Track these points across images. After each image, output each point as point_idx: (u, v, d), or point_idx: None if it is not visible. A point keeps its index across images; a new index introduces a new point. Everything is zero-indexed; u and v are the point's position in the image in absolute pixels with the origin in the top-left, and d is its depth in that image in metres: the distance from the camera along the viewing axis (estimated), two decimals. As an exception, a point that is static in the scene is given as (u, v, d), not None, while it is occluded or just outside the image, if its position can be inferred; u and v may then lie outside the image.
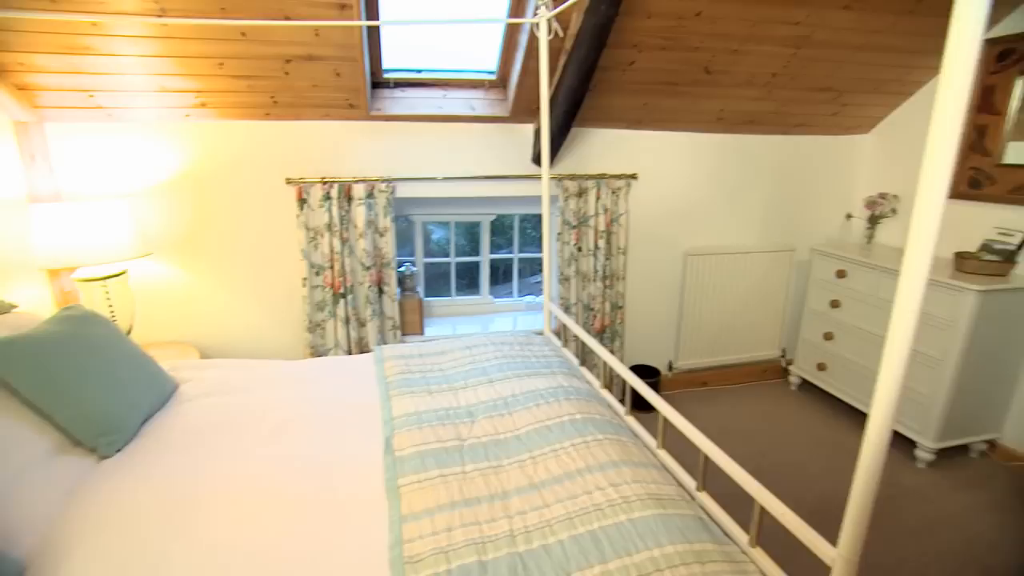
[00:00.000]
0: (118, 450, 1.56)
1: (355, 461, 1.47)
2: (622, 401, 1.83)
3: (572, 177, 2.92)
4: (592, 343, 2.04)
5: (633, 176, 3.05)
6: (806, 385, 3.44)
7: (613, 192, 3.00)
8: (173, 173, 2.62)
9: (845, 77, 2.85)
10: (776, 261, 3.37)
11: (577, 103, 2.60)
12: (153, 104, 2.47)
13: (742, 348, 3.47)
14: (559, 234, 2.98)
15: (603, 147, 3.02)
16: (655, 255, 3.25)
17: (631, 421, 1.76)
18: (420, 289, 3.09)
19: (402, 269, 2.98)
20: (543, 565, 1.12)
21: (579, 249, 3.01)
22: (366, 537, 1.22)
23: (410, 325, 2.87)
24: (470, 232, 3.45)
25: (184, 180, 2.63)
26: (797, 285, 3.49)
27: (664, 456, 1.59)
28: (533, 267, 3.70)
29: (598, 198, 2.96)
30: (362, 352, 2.76)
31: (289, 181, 2.62)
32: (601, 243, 3.00)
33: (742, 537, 1.27)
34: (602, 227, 2.99)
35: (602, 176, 2.97)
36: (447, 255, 3.34)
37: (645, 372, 3.22)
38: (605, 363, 1.95)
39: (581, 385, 1.87)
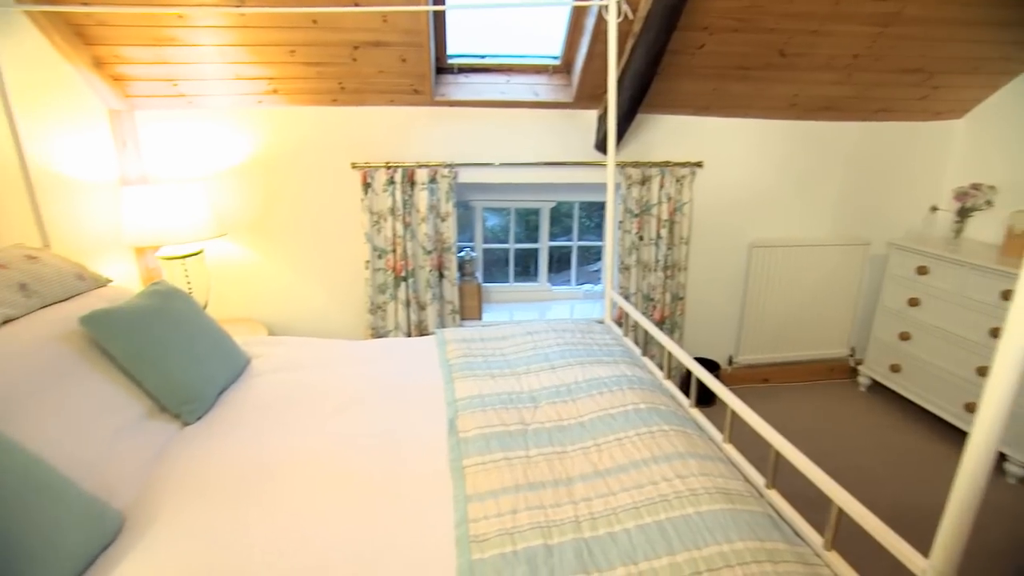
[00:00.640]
0: (198, 418, 1.65)
1: (419, 440, 1.50)
2: (686, 393, 1.79)
3: (635, 164, 2.86)
4: (657, 333, 2.00)
5: (698, 164, 2.95)
6: (877, 387, 3.26)
7: (677, 180, 2.91)
8: (246, 157, 2.73)
9: (938, 57, 2.65)
10: (848, 255, 3.20)
11: (644, 88, 2.53)
12: (229, 91, 2.58)
13: (807, 345, 3.33)
14: (620, 222, 2.93)
15: (668, 134, 2.93)
16: (718, 246, 3.15)
17: (695, 413, 1.72)
18: (479, 274, 3.11)
19: (462, 254, 3.00)
20: (609, 552, 1.11)
21: (640, 238, 2.95)
22: (431, 514, 1.25)
23: (469, 310, 2.90)
24: (523, 220, 3.44)
25: (256, 164, 2.74)
26: (871, 281, 3.30)
27: (730, 451, 1.54)
28: (591, 255, 3.66)
29: (661, 186, 2.89)
30: (421, 335, 2.81)
31: (354, 166, 2.69)
32: (663, 232, 2.93)
33: (815, 539, 1.22)
34: (665, 216, 2.91)
35: (666, 164, 2.89)
36: (501, 241, 3.35)
37: (704, 366, 3.13)
38: (669, 354, 1.91)
39: (644, 375, 1.84)
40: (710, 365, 3.16)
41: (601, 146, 2.86)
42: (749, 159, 3.05)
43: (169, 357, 1.67)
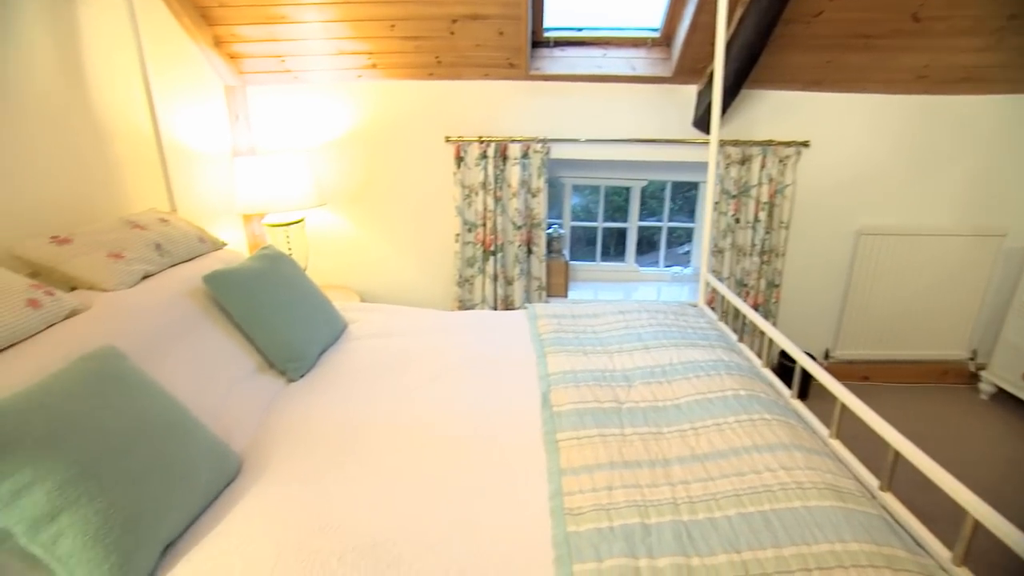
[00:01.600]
0: (302, 376, 1.76)
1: (512, 411, 1.52)
2: (788, 383, 1.70)
3: (736, 143, 2.71)
4: (757, 319, 1.90)
5: (804, 144, 2.75)
6: (1003, 396, 2.93)
7: (780, 161, 2.73)
8: (345, 130, 2.83)
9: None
10: (977, 246, 2.88)
11: (751, 61, 2.38)
12: (331, 66, 2.68)
13: (918, 344, 3.05)
14: (716, 204, 2.80)
15: (773, 111, 2.75)
16: (822, 231, 2.93)
17: (796, 405, 1.62)
18: (566, 252, 3.09)
19: (550, 231, 2.99)
20: (710, 538, 1.07)
21: (737, 221, 2.81)
22: (524, 484, 1.26)
23: (555, 287, 2.89)
24: (608, 199, 3.35)
25: (354, 137, 2.83)
26: (1004, 277, 2.95)
27: (837, 447, 1.44)
28: (680, 237, 3.53)
29: (763, 167, 2.72)
30: (507, 310, 2.83)
31: (448, 139, 2.72)
32: (762, 215, 2.77)
33: (940, 552, 1.12)
34: (764, 198, 2.75)
35: (769, 143, 2.71)
36: (585, 220, 3.29)
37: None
38: (770, 341, 1.81)
39: (741, 361, 1.76)
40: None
41: (699, 123, 2.73)
42: (862, 138, 2.80)
43: (277, 317, 1.78)
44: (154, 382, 1.30)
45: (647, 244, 3.51)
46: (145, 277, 1.72)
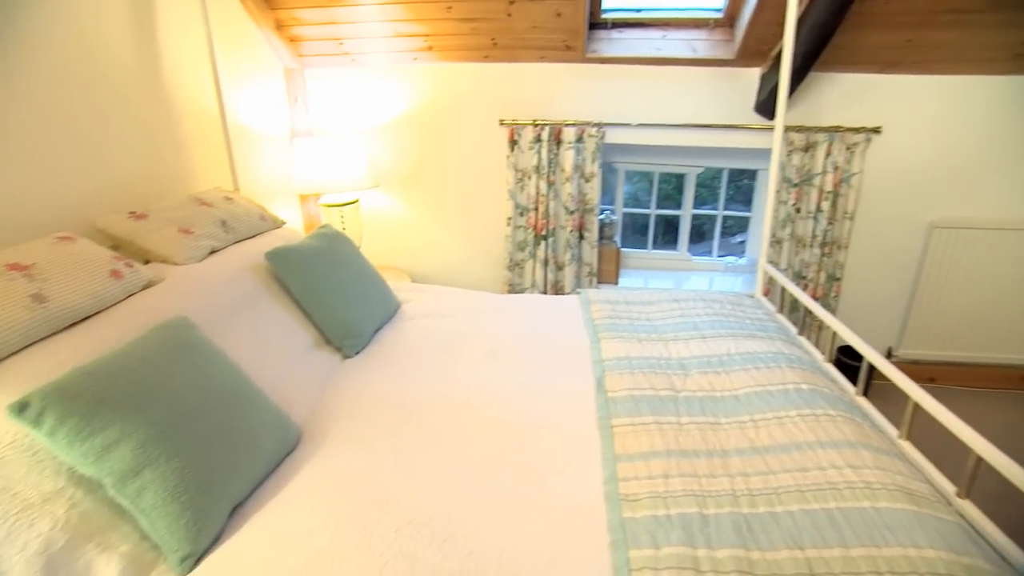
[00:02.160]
0: (357, 353, 1.80)
1: (565, 394, 1.51)
2: (853, 380, 1.63)
3: (800, 129, 2.59)
4: (821, 312, 1.82)
5: (875, 130, 2.60)
6: (1085, 403, 2.73)
7: (847, 148, 2.60)
8: (400, 113, 2.86)
9: None
10: (1063, 243, 2.67)
11: (823, 42, 2.26)
12: (388, 49, 2.70)
13: (994, 346, 2.86)
14: (776, 192, 2.68)
15: (842, 95, 2.61)
16: (890, 223, 2.78)
17: (861, 402, 1.56)
18: (617, 238, 3.04)
19: (602, 217, 2.94)
20: (771, 532, 1.04)
21: (797, 210, 2.69)
22: (578, 468, 1.26)
23: (606, 273, 2.86)
24: (657, 187, 3.26)
25: (409, 119, 2.86)
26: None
27: (908, 448, 1.37)
28: (732, 227, 3.43)
29: (828, 154, 2.59)
30: (556, 295, 2.82)
31: (502, 122, 2.71)
32: (824, 205, 2.65)
33: (1024, 563, 1.05)
34: (828, 187, 2.62)
35: (836, 129, 2.58)
36: (637, 206, 3.23)
37: (856, 355, 2.83)
38: (834, 334, 1.74)
39: (802, 354, 1.70)
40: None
41: (761, 108, 2.62)
42: (941, 123, 2.62)
43: (335, 294, 1.82)
44: (221, 352, 1.35)
45: (696, 233, 3.42)
46: (212, 252, 1.79)
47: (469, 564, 0.99)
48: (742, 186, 3.62)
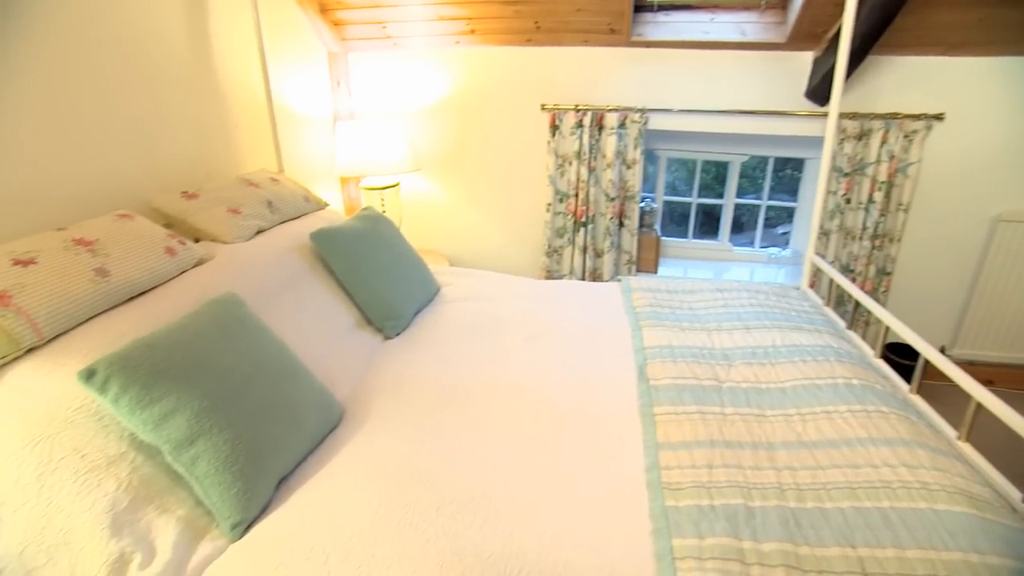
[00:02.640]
0: (397, 334, 1.82)
1: (606, 381, 1.50)
2: (907, 378, 1.56)
3: (854, 116, 2.48)
4: (875, 307, 1.76)
5: (937, 116, 2.47)
6: None
7: (905, 136, 2.48)
8: (441, 97, 2.86)
9: None
10: None
11: (885, 22, 2.15)
12: (430, 32, 2.69)
13: (1058, 348, 2.71)
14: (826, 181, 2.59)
15: (901, 80, 2.48)
16: (949, 216, 2.64)
17: (917, 400, 1.50)
18: (657, 227, 2.99)
19: (643, 204, 2.90)
20: (820, 528, 1.02)
21: (847, 201, 2.59)
22: (619, 454, 1.25)
23: (645, 262, 2.82)
24: (694, 174, 3.18)
25: (450, 103, 2.85)
26: None
27: (967, 450, 1.31)
28: (773, 218, 3.33)
29: (883, 142, 2.48)
30: (594, 282, 2.80)
31: (544, 107, 2.68)
32: (877, 196, 2.53)
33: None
34: (882, 177, 2.51)
35: (894, 116, 2.46)
36: (677, 195, 3.16)
37: (905, 352, 2.72)
38: (887, 329, 1.68)
39: (851, 349, 1.64)
40: (912, 353, 2.73)
41: (813, 94, 2.52)
42: (1011, 110, 2.47)
43: (377, 275, 1.84)
44: (268, 328, 1.39)
45: (734, 224, 3.34)
46: (258, 232, 1.83)
47: (511, 545, 1.00)
48: (783, 176, 3.51)
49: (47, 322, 1.12)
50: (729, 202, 3.03)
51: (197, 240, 1.71)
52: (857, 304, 1.89)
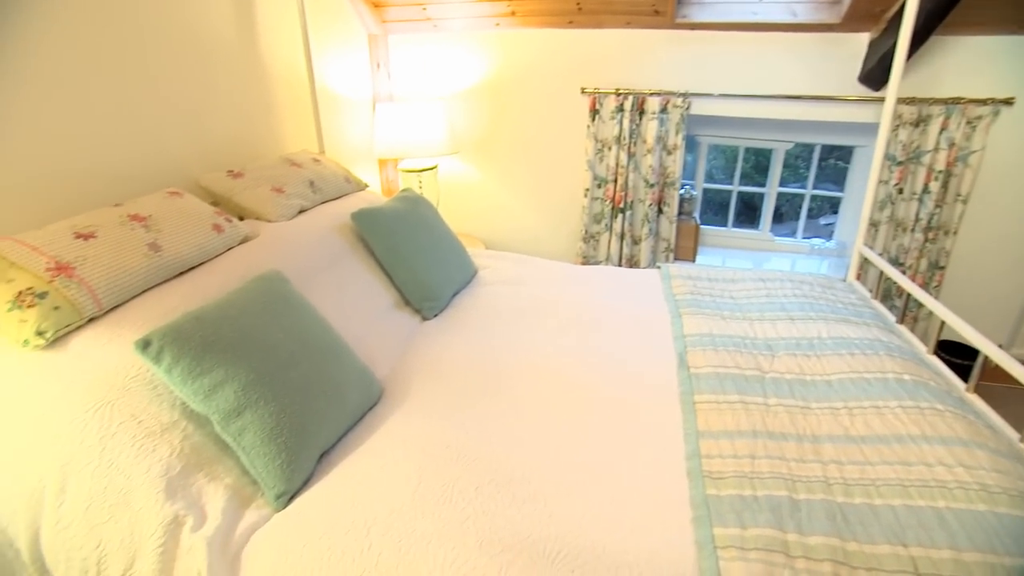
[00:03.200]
0: (435, 315, 1.83)
1: (646, 367, 1.48)
2: (964, 376, 1.50)
3: (911, 101, 2.36)
4: (930, 301, 1.69)
5: (1007, 101, 2.33)
6: None
7: (968, 122, 2.35)
8: (479, 79, 2.84)
9: None
10: None
11: (953, 0, 2.03)
12: (470, 14, 2.67)
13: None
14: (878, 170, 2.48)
15: (967, 61, 2.34)
16: (1013, 208, 2.49)
17: (974, 400, 1.43)
18: (696, 214, 2.93)
19: (682, 191, 2.84)
20: (869, 525, 0.99)
21: (900, 191, 2.48)
22: (659, 441, 1.23)
23: (683, 250, 2.77)
24: (735, 162, 3.08)
25: (488, 86, 2.83)
26: None
27: (1028, 453, 1.25)
28: (814, 209, 3.22)
29: (943, 129, 2.36)
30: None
31: (584, 91, 2.64)
32: (933, 186, 2.42)
33: None
34: (940, 166, 2.39)
35: (956, 100, 2.34)
36: (717, 182, 3.08)
37: (956, 353, 2.61)
38: (942, 324, 1.61)
39: (902, 344, 1.58)
40: (964, 352, 2.61)
41: (867, 79, 2.41)
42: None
43: (416, 256, 1.85)
44: (311, 305, 1.41)
45: (774, 214, 3.24)
46: (301, 211, 1.86)
47: (549, 527, 1.00)
48: (825, 166, 3.38)
49: (106, 293, 1.16)
50: (772, 191, 2.94)
51: (242, 218, 1.74)
52: (908, 298, 1.81)
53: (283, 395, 1.15)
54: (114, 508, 0.98)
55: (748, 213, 3.17)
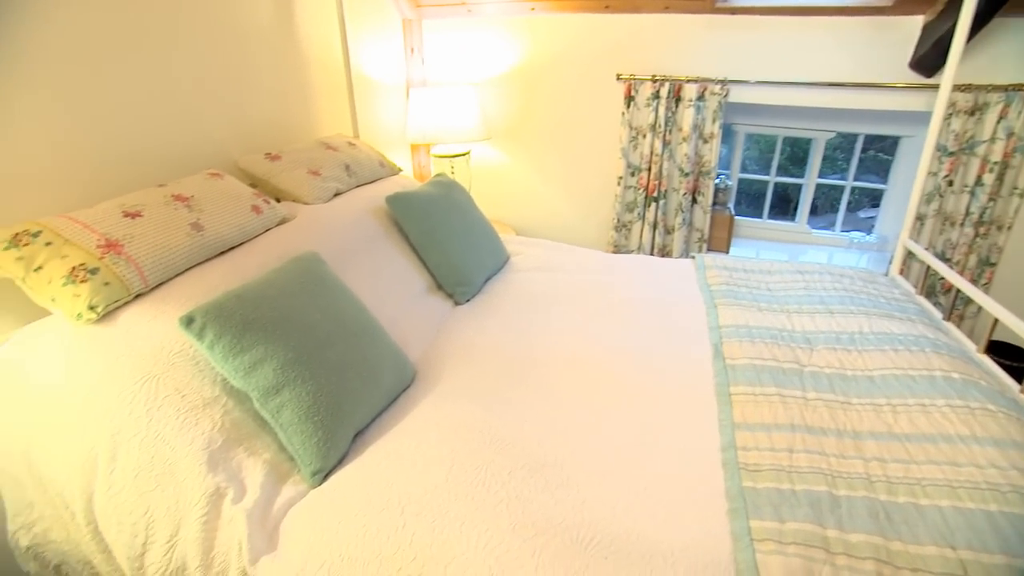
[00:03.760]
0: (468, 300, 1.83)
1: (680, 357, 1.46)
2: (1017, 378, 1.44)
3: (967, 88, 2.25)
4: (983, 298, 1.62)
5: (1071, 89, 2.20)
6: None
7: (1029, 110, 2.23)
8: (513, 65, 2.81)
9: None
10: None
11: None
12: (505, -1, 2.64)
13: None
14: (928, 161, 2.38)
15: (1029, 45, 2.22)
16: (1071, 204, 2.38)
17: (1026, 401, 1.37)
18: (731, 205, 2.86)
19: (717, 181, 2.77)
20: (915, 525, 0.96)
21: (950, 183, 2.38)
22: (693, 431, 1.21)
23: (717, 241, 2.71)
24: (770, 152, 2.98)
25: (522, 72, 2.80)
26: None
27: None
28: (859, 202, 3.11)
29: (1001, 118, 2.24)
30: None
31: (619, 77, 2.59)
32: (987, 178, 2.31)
33: None
34: (996, 157, 2.28)
35: (1018, 87, 2.21)
36: (753, 172, 3.00)
37: (1005, 352, 2.51)
38: (996, 322, 1.55)
39: (950, 341, 1.52)
40: (1013, 353, 2.51)
41: (920, 64, 2.30)
42: None
43: (449, 241, 1.85)
44: (347, 287, 1.42)
45: (814, 207, 3.15)
46: (336, 194, 1.87)
47: (583, 513, 1.00)
48: (865, 157, 3.26)
49: (151, 271, 1.19)
50: (810, 182, 2.85)
51: (279, 200, 1.77)
52: (957, 295, 1.74)
53: (320, 374, 1.16)
54: (160, 477, 1.02)
55: (780, 205, 3.08)
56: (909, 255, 2.13)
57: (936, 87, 2.04)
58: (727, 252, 2.75)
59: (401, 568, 0.93)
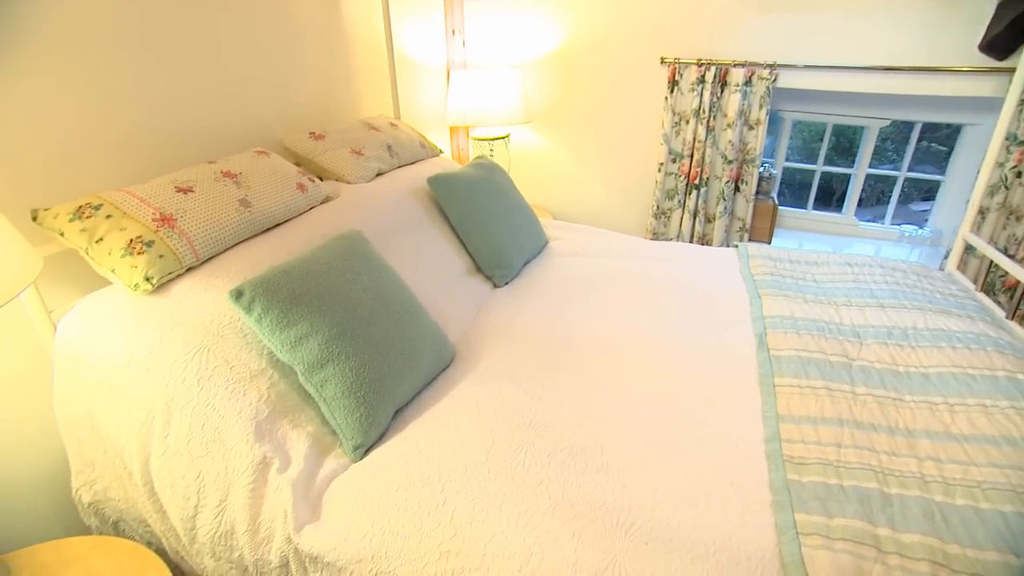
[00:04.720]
0: (506, 283, 1.83)
1: (723, 347, 1.43)
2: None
3: (1043, 71, 2.11)
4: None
5: None
6: None
7: (1107, 98, 2.08)
8: (555, 47, 2.77)
9: None
10: None
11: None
12: (549, -22, 2.59)
13: None
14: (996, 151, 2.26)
15: (1108, 30, 2.07)
16: None
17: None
18: (775, 194, 2.77)
19: (761, 169, 2.69)
20: (973, 528, 0.92)
21: (1018, 175, 2.25)
22: (737, 421, 1.19)
23: (759, 231, 2.63)
24: (815, 141, 2.85)
25: (563, 54, 2.76)
26: None
27: None
28: (909, 194, 2.97)
29: (1076, 105, 2.10)
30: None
31: (663, 60, 2.52)
32: (1058, 169, 2.17)
33: None
34: (1070, 147, 2.14)
35: (1095, 73, 2.07)
36: (799, 161, 2.89)
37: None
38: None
39: (1014, 341, 1.44)
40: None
41: (991, 46, 2.16)
42: None
43: (490, 223, 1.84)
44: (389, 266, 1.44)
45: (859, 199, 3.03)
46: (378, 174, 1.89)
47: (623, 496, 0.99)
48: (918, 147, 3.10)
49: (202, 245, 1.22)
50: (860, 172, 2.73)
51: (322, 178, 1.79)
52: (1023, 293, 1.65)
53: (363, 351, 1.18)
54: (210, 444, 1.05)
55: (823, 197, 2.96)
56: (967, 250, 2.03)
57: (1010, 71, 1.92)
58: (769, 242, 2.66)
59: (441, 543, 0.94)
